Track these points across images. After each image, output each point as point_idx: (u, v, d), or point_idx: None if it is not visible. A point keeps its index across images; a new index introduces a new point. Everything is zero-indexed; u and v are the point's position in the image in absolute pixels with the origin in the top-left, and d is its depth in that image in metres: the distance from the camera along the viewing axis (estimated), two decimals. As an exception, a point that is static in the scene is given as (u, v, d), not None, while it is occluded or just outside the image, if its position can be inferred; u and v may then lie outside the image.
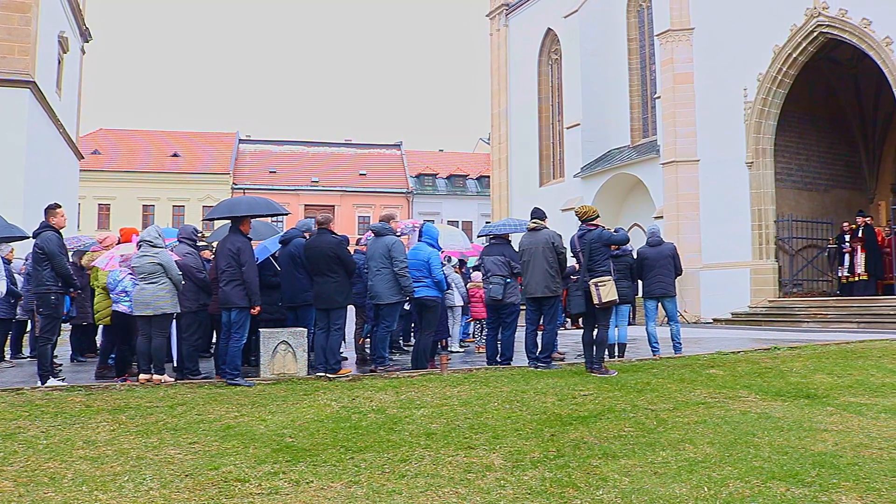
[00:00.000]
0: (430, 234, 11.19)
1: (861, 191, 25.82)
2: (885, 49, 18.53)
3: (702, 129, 23.63)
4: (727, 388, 8.67)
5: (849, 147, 25.43)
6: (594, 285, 9.71)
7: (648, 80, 30.60)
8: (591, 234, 9.99)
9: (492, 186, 39.21)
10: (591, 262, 9.85)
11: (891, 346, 11.98)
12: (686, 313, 22.58)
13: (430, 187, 61.89)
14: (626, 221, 30.51)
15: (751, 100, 22.00)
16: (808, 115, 23.71)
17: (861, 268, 21.26)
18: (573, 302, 9.95)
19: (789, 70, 21.41)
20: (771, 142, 22.11)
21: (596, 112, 31.88)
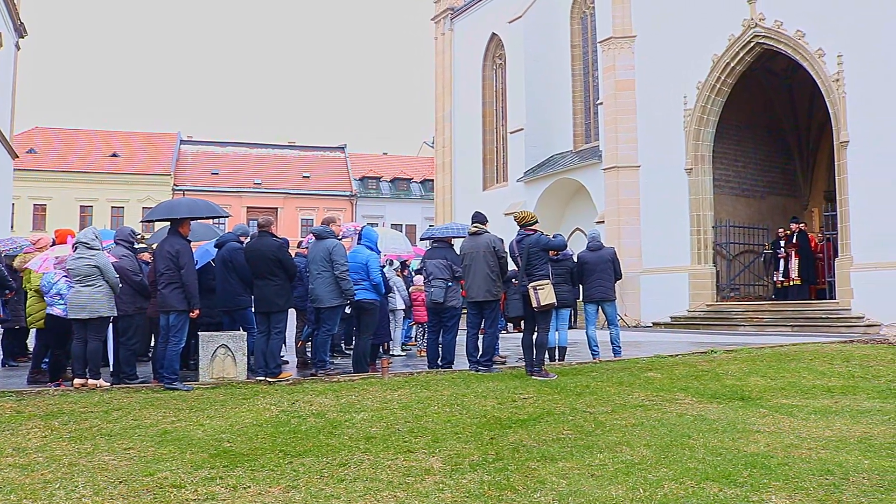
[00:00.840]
0: (370, 237, 11.18)
1: (796, 198, 26.45)
2: (818, 60, 19.03)
3: (643, 135, 23.99)
4: (665, 390, 8.82)
5: (784, 155, 26.04)
6: (532, 289, 9.82)
7: (591, 86, 30.94)
8: (529, 238, 10.11)
9: (436, 190, 39.26)
10: (530, 266, 9.97)
11: (822, 350, 12.30)
12: (626, 317, 22.88)
13: (373, 190, 61.77)
14: (568, 226, 30.80)
15: (690, 107, 22.40)
16: (745, 123, 24.22)
17: (795, 273, 21.79)
18: (511, 305, 10.06)
19: (727, 79, 21.85)
20: (709, 149, 22.53)
21: (539, 117, 32.14)
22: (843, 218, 18.60)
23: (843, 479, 5.14)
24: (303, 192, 59.77)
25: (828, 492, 4.90)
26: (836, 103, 18.72)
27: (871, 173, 17.92)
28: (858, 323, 17.72)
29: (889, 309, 17.18)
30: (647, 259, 23.54)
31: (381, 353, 12.77)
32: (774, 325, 19.49)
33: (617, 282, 12.90)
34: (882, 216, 17.62)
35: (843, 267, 18.53)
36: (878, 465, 5.46)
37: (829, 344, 13.36)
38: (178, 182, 56.64)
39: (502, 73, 35.39)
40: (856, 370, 10.38)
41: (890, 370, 10.36)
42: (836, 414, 7.52)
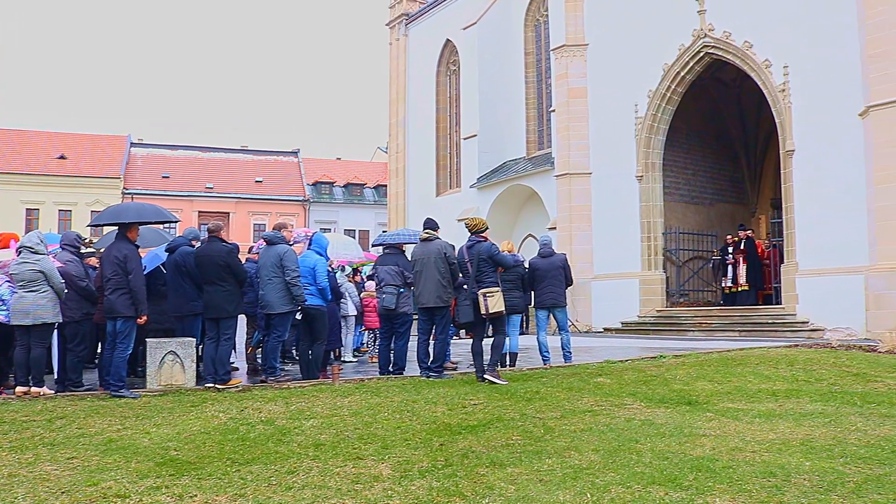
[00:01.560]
0: (319, 243, 11.16)
1: (744, 205, 26.90)
2: (765, 71, 19.40)
3: (595, 142, 24.21)
4: (613, 395, 8.91)
5: (733, 163, 26.49)
6: (482, 296, 9.89)
7: (544, 93, 31.17)
8: (480, 246, 10.16)
9: (389, 195, 39.23)
10: (480, 273, 10.02)
11: (768, 354, 12.51)
12: (578, 322, 23.07)
13: (327, 195, 61.51)
14: (520, 232, 30.98)
15: (641, 115, 22.67)
16: (695, 131, 24.60)
17: (743, 279, 22.15)
18: (461, 311, 10.09)
19: (678, 88, 22.16)
20: (660, 156, 22.82)
21: (493, 123, 32.30)
22: (789, 225, 18.97)
23: (784, 481, 5.24)
24: (255, 196, 59.32)
25: (770, 493, 4.99)
26: (782, 113, 19.10)
27: (815, 181, 18.31)
28: (803, 328, 18.08)
29: (832, 314, 17.58)
30: (599, 265, 23.76)
31: (332, 360, 12.73)
32: (723, 330, 19.79)
33: (568, 288, 13.01)
34: (825, 223, 18.01)
35: (788, 273, 18.89)
36: (818, 467, 5.58)
37: (775, 348, 13.59)
38: (127, 185, 55.84)
39: (456, 79, 35.51)
40: (799, 374, 10.58)
41: (832, 374, 10.58)
42: (780, 417, 7.66)
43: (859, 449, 6.18)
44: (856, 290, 17.16)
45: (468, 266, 10.13)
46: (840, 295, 17.47)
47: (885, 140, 16.91)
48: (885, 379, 10.23)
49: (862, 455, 5.96)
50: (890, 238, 16.74)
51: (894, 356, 12.31)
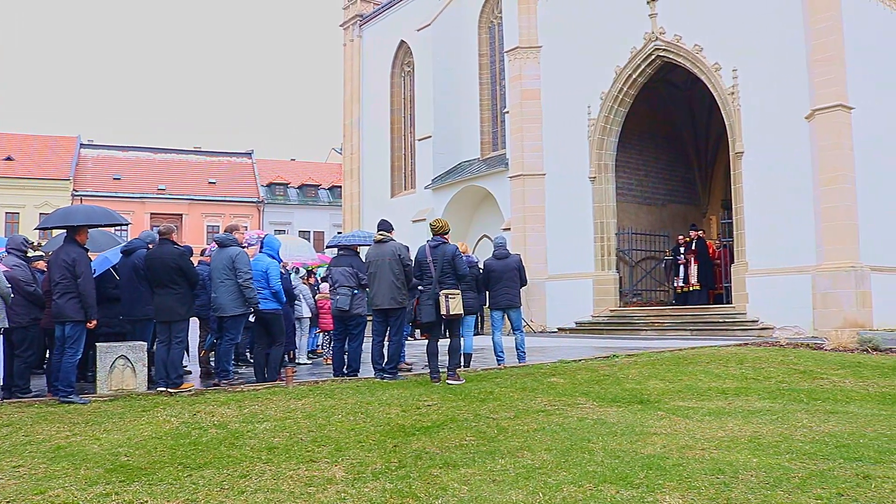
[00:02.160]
0: (271, 245, 11.10)
1: (695, 206, 27.28)
2: (715, 74, 19.71)
3: (548, 143, 24.37)
4: (567, 395, 8.99)
5: (684, 164, 26.85)
6: (444, 296, 9.95)
7: (498, 94, 31.30)
8: (446, 248, 10.25)
9: (343, 197, 39.07)
10: (443, 274, 10.07)
11: (718, 353, 12.70)
12: (533, 323, 23.20)
13: (281, 197, 61.04)
14: (475, 233, 31.08)
15: (594, 117, 22.88)
16: (647, 133, 24.89)
17: (694, 278, 22.47)
18: (423, 311, 10.12)
19: (630, 90, 22.40)
20: (612, 158, 23.04)
21: (447, 125, 32.36)
22: (739, 225, 19.29)
23: (732, 478, 5.33)
24: (208, 198, 58.64)
25: (718, 490, 5.08)
26: (731, 115, 19.41)
27: (764, 183, 18.64)
28: (753, 326, 18.38)
29: (781, 313, 17.92)
30: (553, 265, 23.92)
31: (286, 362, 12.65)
32: (675, 330, 20.05)
33: (522, 288, 13.09)
34: (774, 224, 18.35)
35: (738, 273, 19.21)
36: (765, 463, 5.69)
37: (725, 347, 13.80)
38: (77, 187, 54.83)
39: (411, 80, 35.50)
40: (748, 372, 10.77)
41: (780, 372, 10.79)
42: (729, 415, 7.80)
43: (805, 445, 6.31)
44: (804, 290, 17.52)
45: (431, 265, 10.16)
46: (788, 294, 17.82)
47: (830, 143, 17.30)
48: (831, 376, 10.46)
49: (807, 451, 6.09)
50: (836, 238, 17.13)
51: (840, 354, 12.58)
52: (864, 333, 14.02)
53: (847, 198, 17.19)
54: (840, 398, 8.97)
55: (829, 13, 17.56)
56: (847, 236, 17.11)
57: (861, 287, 16.85)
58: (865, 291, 16.93)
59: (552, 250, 24.04)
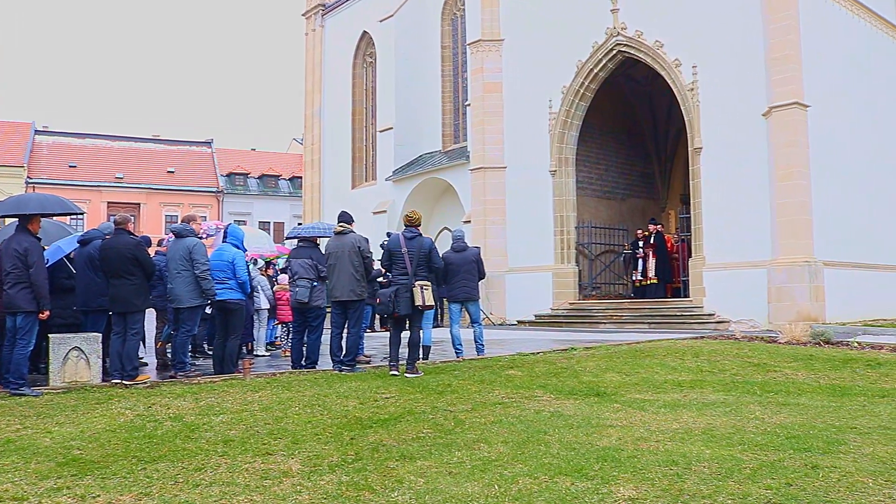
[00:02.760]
0: (235, 235, 11.02)
1: (654, 200, 27.53)
2: (675, 70, 19.89)
3: (509, 137, 24.44)
4: (524, 388, 9.05)
5: (644, 159, 27.08)
6: (420, 287, 10.02)
7: (460, 87, 31.31)
8: (422, 240, 10.36)
9: (304, 187, 38.87)
10: (419, 266, 10.14)
11: (675, 346, 12.87)
12: (492, 315, 23.28)
13: (241, 187, 60.57)
14: (436, 225, 31.09)
15: (555, 111, 22.97)
16: (608, 127, 25.05)
17: (652, 272, 22.68)
18: (400, 302, 10.13)
19: (591, 84, 22.51)
20: (573, 152, 23.16)
21: (409, 116, 32.32)
22: (697, 220, 19.50)
23: (685, 469, 5.42)
24: (167, 187, 57.96)
25: (671, 481, 5.16)
26: (691, 111, 19.61)
27: (722, 178, 18.86)
28: (710, 320, 18.61)
29: (737, 306, 18.17)
30: (513, 258, 24.01)
31: (243, 354, 12.58)
32: (633, 323, 20.23)
33: (481, 281, 13.14)
34: (731, 219, 18.58)
35: (696, 267, 19.43)
36: (718, 455, 5.79)
37: (682, 340, 14.00)
38: (31, 175, 53.87)
39: (373, 71, 35.39)
40: (704, 365, 10.94)
41: (734, 364, 10.96)
42: (684, 407, 7.91)
43: (756, 436, 6.43)
44: (759, 284, 17.77)
45: (406, 257, 10.19)
46: (745, 288, 18.07)
47: (785, 140, 17.57)
48: (784, 369, 10.66)
49: (759, 442, 6.21)
50: (791, 233, 17.41)
51: (793, 347, 12.82)
52: (817, 327, 14.31)
53: (802, 194, 17.46)
54: (792, 390, 9.15)
55: (787, 12, 17.81)
56: (801, 232, 17.38)
57: (815, 282, 17.15)
58: (819, 286, 17.24)
59: (512, 243, 24.13)
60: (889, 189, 21.43)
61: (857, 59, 20.49)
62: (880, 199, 20.92)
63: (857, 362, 11.09)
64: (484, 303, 22.66)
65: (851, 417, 7.36)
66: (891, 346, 12.52)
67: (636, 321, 20.30)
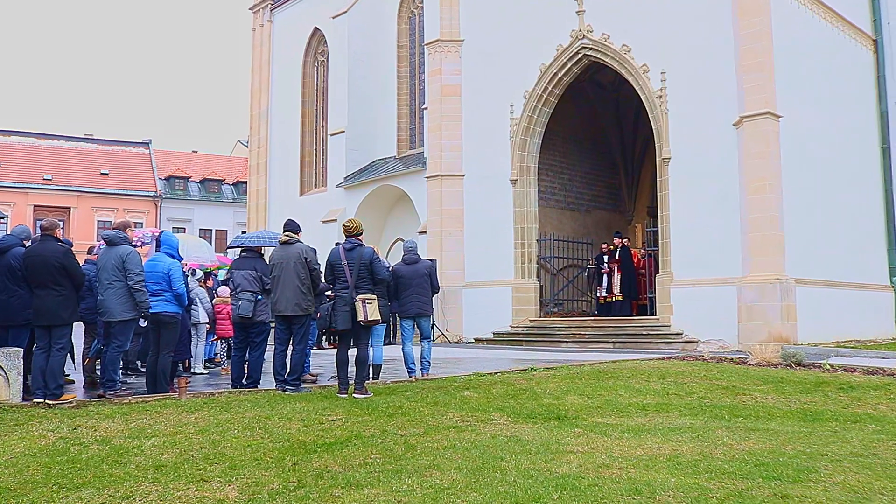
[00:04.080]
0: (170, 243, 10.89)
1: (620, 212, 27.81)
2: (643, 76, 20.11)
3: (468, 143, 24.48)
4: (480, 410, 9.03)
5: (610, 169, 27.34)
6: (361, 301, 9.91)
7: (417, 89, 31.36)
8: (363, 250, 10.24)
9: (249, 193, 38.59)
10: (359, 279, 10.05)
11: (640, 367, 12.95)
12: (448, 332, 23.27)
13: (181, 191, 60.00)
14: (389, 235, 31.08)
15: (517, 116, 23.08)
16: (572, 135, 25.25)
17: (618, 288, 22.84)
18: (339, 317, 10.04)
19: (554, 89, 22.64)
20: (535, 160, 23.27)
21: (362, 119, 32.27)
22: (664, 234, 19.67)
23: (649, 498, 5.43)
24: (100, 190, 57.16)
25: (634, 512, 5.17)
26: (659, 119, 19.82)
27: (690, 190, 19.06)
28: (677, 339, 18.77)
29: (706, 325, 18.35)
30: (471, 272, 24.03)
31: (180, 372, 12.42)
32: (597, 342, 20.33)
33: (435, 296, 13.13)
34: (701, 233, 18.78)
35: (663, 283, 19.58)
36: (683, 483, 5.81)
37: (648, 361, 14.08)
38: (-50, 175, 52.93)
39: (324, 70, 35.31)
40: (670, 387, 11.01)
41: (702, 387, 11.06)
42: (649, 432, 7.94)
43: (724, 463, 6.47)
44: (729, 302, 17.97)
45: (346, 269, 10.11)
46: (714, 306, 18.25)
47: (756, 151, 17.83)
48: (753, 392, 10.78)
49: (726, 470, 6.25)
50: (762, 249, 17.64)
51: (763, 369, 12.96)
52: (788, 348, 14.49)
53: (773, 208, 17.71)
54: (761, 415, 9.24)
55: (758, 17, 18.11)
56: (773, 247, 17.63)
57: (786, 300, 17.40)
58: (790, 305, 17.49)
59: (470, 256, 24.15)
60: (863, 203, 21.86)
61: (830, 68, 20.89)
62: (854, 214, 21.31)
63: (829, 385, 11.24)
64: (439, 319, 22.77)
65: (822, 444, 7.45)
66: (864, 369, 12.72)
67: (600, 340, 20.41)
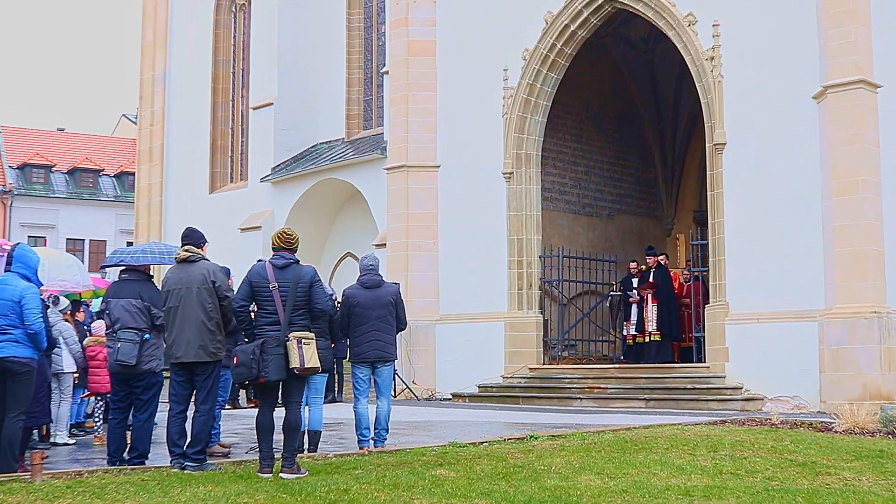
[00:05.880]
0: (25, 261, 10.76)
1: (656, 219, 27.77)
2: (689, 30, 20.03)
3: (445, 122, 24.35)
4: (459, 496, 8.96)
5: (642, 159, 27.31)
6: (297, 342, 9.77)
7: (375, 46, 31.38)
8: (300, 269, 10.11)
9: (138, 189, 38.43)
10: (296, 310, 9.95)
11: (683, 434, 12.89)
12: (415, 385, 23.15)
13: (41, 185, 59.70)
14: (335, 249, 31.05)
15: (513, 85, 22.98)
16: (589, 112, 25.23)
17: (652, 324, 22.71)
18: (270, 364, 9.90)
19: (565, 48, 22.52)
20: (538, 146, 23.14)
21: (298, 87, 32.22)
22: (717, 249, 19.58)
23: None
24: (-75, 184, 56.97)
25: None
26: (710, 90, 19.77)
27: (753, 189, 18.96)
28: (735, 395, 18.69)
29: (774, 377, 18.25)
30: (447, 301, 23.92)
31: (34, 443, 12.27)
32: (623, 399, 20.25)
33: (399, 333, 13.04)
34: (766, 248, 18.66)
35: (715, 317, 19.51)
36: None
37: (694, 426, 14.03)
38: None
39: (245, 20, 35.31)
40: (725, 464, 10.96)
41: (769, 463, 11.01)
42: (695, 529, 7.90)
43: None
44: (807, 344, 17.86)
45: (276, 296, 9.97)
46: (786, 350, 18.17)
47: (847, 134, 17.67)
48: (841, 471, 10.73)
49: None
50: (853, 271, 17.48)
51: (856, 438, 12.94)
52: (891, 409, 14.44)
53: (869, 213, 17.60)
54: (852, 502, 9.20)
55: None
56: (868, 268, 17.52)
57: (887, 341, 17.30)
58: (892, 348, 17.38)
59: (447, 279, 24.05)
60: None
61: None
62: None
63: (947, 462, 11.22)
64: (403, 366, 22.62)
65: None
66: None
67: (628, 396, 20.34)
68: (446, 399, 23.20)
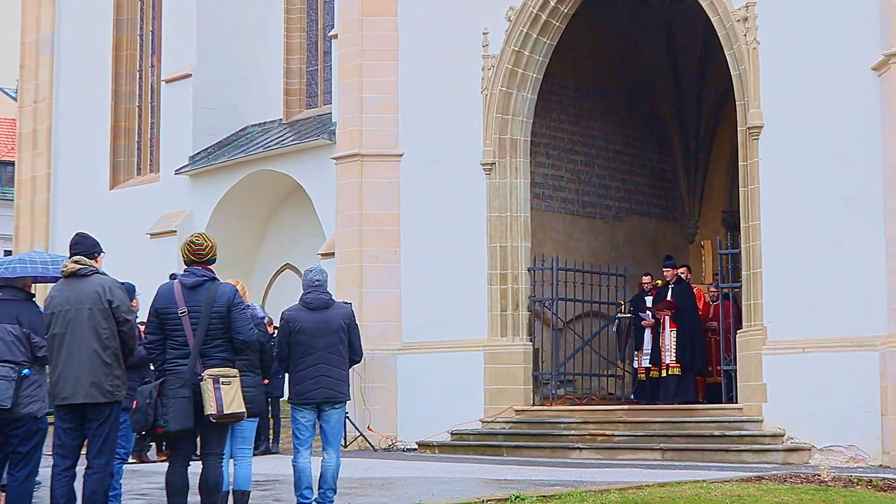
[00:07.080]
0: None
1: (675, 221, 27.74)
2: (715, -18, 20.14)
3: (409, 99, 24.26)
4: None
5: (657, 146, 27.33)
6: (213, 382, 9.65)
7: (321, 4, 31.31)
8: (216, 288, 10.02)
9: (18, 183, 38.29)
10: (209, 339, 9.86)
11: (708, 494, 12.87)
12: (372, 432, 23.07)
13: None
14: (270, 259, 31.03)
15: (494, 53, 22.92)
16: (591, 87, 25.26)
17: (671, 355, 22.66)
18: (174, 410, 9.79)
19: (560, 5, 22.44)
20: (526, 129, 23.07)
21: (222, 56, 32.18)
22: (752, 260, 19.57)
23: None
24: None
25: None
26: (743, 58, 19.78)
27: (796, 182, 18.97)
28: (775, 445, 18.67)
29: (824, 421, 18.24)
30: (412, 326, 23.88)
31: None
32: (633, 449, 20.26)
33: (353, 366, 12.96)
34: (813, 258, 18.65)
35: (750, 346, 19.47)
36: None
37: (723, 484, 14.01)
38: None
39: (155, -30, 35.27)
40: (763, 533, 10.94)
41: (818, 533, 10.99)
42: None
43: None
44: (867, 379, 17.83)
45: (185, 322, 9.86)
46: (838, 387, 18.16)
47: (915, 115, 17.79)
48: (907, 542, 10.72)
49: None
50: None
51: (923, 499, 12.92)
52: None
53: (942, 215, 17.71)
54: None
55: None
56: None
57: (966, 377, 17.37)
58: (973, 386, 17.46)
59: (411, 297, 24.02)
60: None
61: None
62: None
63: None
64: (357, 408, 22.53)
65: None
66: None
67: (639, 445, 20.37)
68: (410, 449, 23.17)
